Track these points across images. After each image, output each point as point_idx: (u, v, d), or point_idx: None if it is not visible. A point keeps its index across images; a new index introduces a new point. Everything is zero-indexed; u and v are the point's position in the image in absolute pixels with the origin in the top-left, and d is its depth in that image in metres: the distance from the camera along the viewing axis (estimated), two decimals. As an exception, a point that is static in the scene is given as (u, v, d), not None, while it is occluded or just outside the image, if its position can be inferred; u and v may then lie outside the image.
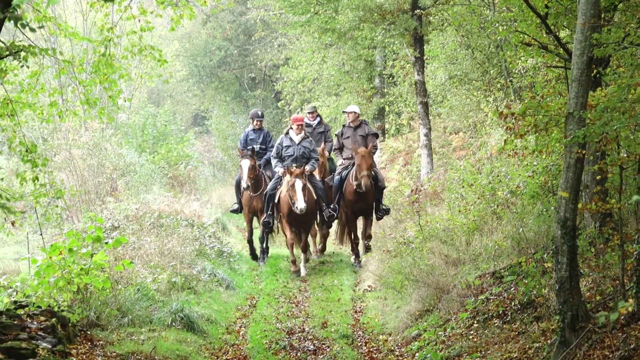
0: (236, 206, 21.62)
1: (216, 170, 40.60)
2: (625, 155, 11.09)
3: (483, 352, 11.44)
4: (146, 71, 28.24)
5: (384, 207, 19.90)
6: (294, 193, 18.43)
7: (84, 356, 11.30)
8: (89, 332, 12.32)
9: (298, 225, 19.27)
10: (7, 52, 11.24)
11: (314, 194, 19.09)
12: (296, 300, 17.34)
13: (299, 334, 14.62)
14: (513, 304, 12.24)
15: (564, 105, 10.70)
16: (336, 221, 20.83)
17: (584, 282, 11.40)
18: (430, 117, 24.37)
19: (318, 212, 19.73)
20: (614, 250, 11.13)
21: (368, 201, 19.49)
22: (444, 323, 13.25)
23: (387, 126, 31.37)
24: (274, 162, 19.51)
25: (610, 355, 9.44)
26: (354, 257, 19.90)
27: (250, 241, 21.32)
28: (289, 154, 19.28)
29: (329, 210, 19.42)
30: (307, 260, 19.76)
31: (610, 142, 10.65)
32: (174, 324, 13.69)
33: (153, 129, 32.45)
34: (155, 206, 22.10)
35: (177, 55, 40.07)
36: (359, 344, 14.02)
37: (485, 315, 12.46)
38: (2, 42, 11.20)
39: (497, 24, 19.18)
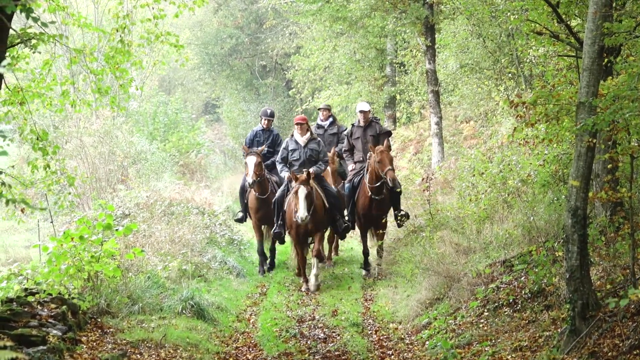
0: (240, 215, 19.69)
1: (227, 159, 40.62)
2: (636, 144, 11.08)
3: (493, 341, 11.44)
4: (158, 58, 28.24)
5: (402, 212, 18.14)
6: (297, 201, 16.63)
7: (94, 343, 11.34)
8: (99, 320, 12.36)
9: (305, 239, 17.54)
10: (19, 40, 11.25)
11: (325, 202, 17.34)
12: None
13: (309, 322, 14.63)
14: (523, 292, 12.23)
15: (574, 94, 10.69)
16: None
17: (594, 271, 11.40)
18: (441, 106, 24.34)
19: (332, 224, 17.98)
20: (624, 239, 11.11)
21: (383, 209, 17.96)
22: (454, 311, 13.25)
23: (398, 115, 31.37)
24: (279, 166, 17.85)
25: (621, 344, 9.44)
26: (365, 272, 18.19)
27: (261, 253, 19.16)
28: (295, 158, 17.57)
29: (343, 221, 17.78)
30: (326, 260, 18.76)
31: (620, 131, 10.64)
32: (184, 311, 13.72)
33: (164, 117, 32.44)
34: (166, 194, 22.16)
35: (189, 43, 40.05)
36: (369, 332, 14.02)
37: (496, 304, 12.46)
38: (14, 30, 11.21)
39: (508, 13, 19.14)
